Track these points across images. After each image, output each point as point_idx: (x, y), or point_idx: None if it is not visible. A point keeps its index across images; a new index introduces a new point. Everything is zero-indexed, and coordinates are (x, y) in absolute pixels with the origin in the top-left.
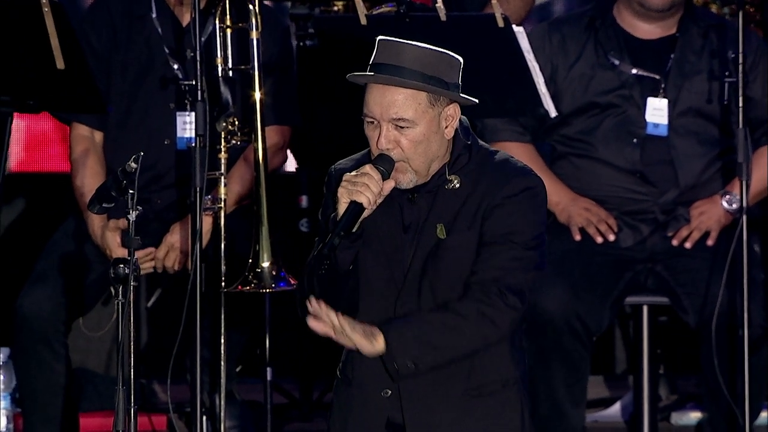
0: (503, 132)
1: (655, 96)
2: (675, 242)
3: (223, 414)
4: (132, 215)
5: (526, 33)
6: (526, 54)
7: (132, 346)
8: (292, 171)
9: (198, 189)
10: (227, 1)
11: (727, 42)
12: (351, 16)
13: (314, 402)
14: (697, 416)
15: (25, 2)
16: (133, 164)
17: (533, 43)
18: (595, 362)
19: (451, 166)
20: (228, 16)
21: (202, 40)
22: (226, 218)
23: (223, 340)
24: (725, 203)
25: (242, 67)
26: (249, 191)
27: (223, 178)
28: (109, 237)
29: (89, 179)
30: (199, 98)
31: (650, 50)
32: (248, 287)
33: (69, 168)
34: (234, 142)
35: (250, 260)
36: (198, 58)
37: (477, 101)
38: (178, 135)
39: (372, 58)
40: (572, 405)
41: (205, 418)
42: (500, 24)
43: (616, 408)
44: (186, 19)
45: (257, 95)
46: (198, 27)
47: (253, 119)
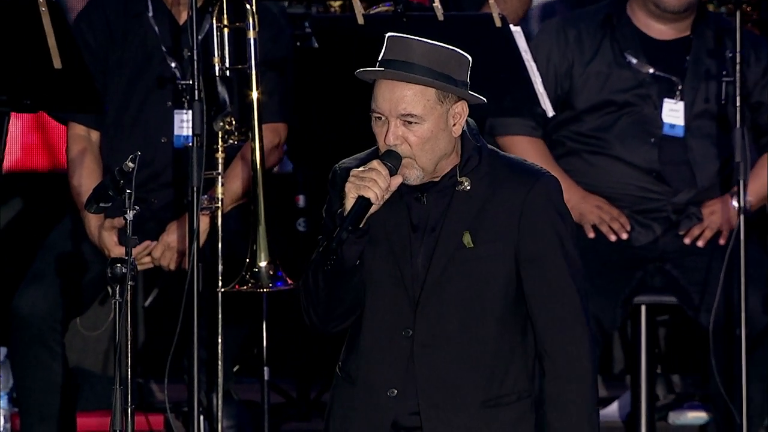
0: (515, 126)
1: (671, 97)
2: (687, 241)
3: (220, 413)
4: (129, 214)
5: (539, 27)
6: (523, 53)
7: (129, 346)
8: (289, 171)
9: (195, 188)
10: (224, 0)
11: (729, 41)
12: (348, 15)
13: (311, 401)
14: (695, 416)
15: (22, 1)
16: (130, 163)
17: (548, 38)
18: None
19: (461, 168)
20: (225, 15)
21: (199, 38)
22: (223, 218)
23: (220, 340)
24: (735, 203)
25: (239, 66)
26: (246, 191)
27: (220, 177)
28: (106, 236)
29: (86, 179)
30: (196, 97)
31: (665, 51)
32: (245, 287)
33: (66, 167)
34: (231, 141)
35: (247, 260)
36: (195, 57)
37: (485, 100)
38: (175, 134)
39: (381, 55)
40: None
41: (202, 417)
42: (498, 24)
43: (613, 408)
44: (183, 17)
45: (254, 94)
46: (195, 26)
47: (250, 118)
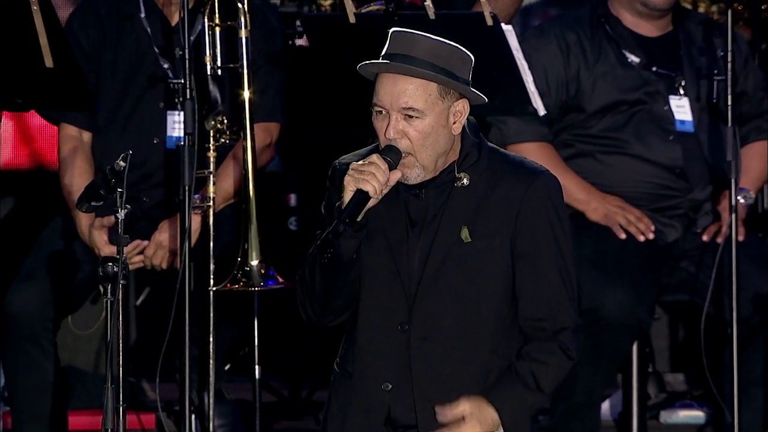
0: (526, 133)
1: (675, 93)
2: (706, 238)
3: (211, 412)
4: (121, 214)
5: (534, 32)
6: (515, 52)
7: (121, 345)
8: (281, 170)
9: (187, 187)
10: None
11: (717, 39)
12: (339, 14)
13: (303, 400)
14: (687, 414)
15: (13, 0)
16: (121, 163)
17: (549, 44)
18: None
19: (460, 164)
20: (217, 15)
21: (191, 38)
22: (215, 216)
23: (211, 339)
24: (741, 198)
25: (231, 65)
26: (237, 190)
27: (211, 176)
28: (97, 235)
29: (77, 178)
30: (188, 97)
31: (659, 47)
32: (237, 285)
33: (58, 166)
34: (223, 140)
35: (238, 258)
36: (186, 56)
37: (486, 99)
38: (167, 134)
39: (384, 49)
40: (601, 399)
41: (193, 416)
42: (489, 22)
43: (605, 406)
44: (175, 18)
45: (246, 94)
46: (186, 25)
47: (241, 117)
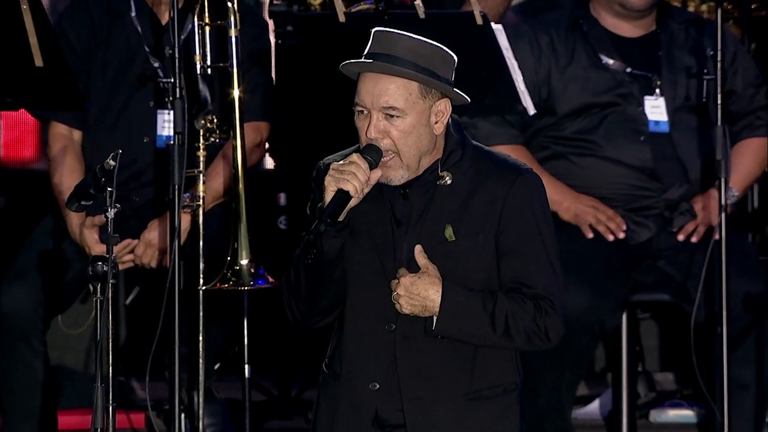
0: (498, 136)
1: (651, 94)
2: (681, 237)
3: (201, 411)
4: (110, 212)
5: (507, 33)
6: (504, 51)
7: (110, 344)
8: (271, 168)
9: (176, 186)
10: None
11: (706, 38)
12: (329, 13)
13: (293, 399)
14: (676, 413)
15: (3, 0)
16: (111, 162)
17: (520, 46)
18: None
19: (443, 163)
20: (207, 14)
21: (181, 37)
22: (205, 216)
23: (201, 338)
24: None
25: (221, 64)
26: (227, 189)
27: (201, 175)
28: (87, 234)
29: (67, 177)
30: (178, 96)
31: (637, 48)
32: (227, 285)
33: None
34: (213, 139)
35: (228, 257)
36: (176, 55)
37: (469, 99)
38: (157, 133)
39: (366, 49)
40: (569, 405)
41: (183, 415)
42: (479, 21)
43: (594, 405)
44: (165, 17)
45: (236, 93)
46: (176, 25)
47: (231, 117)
